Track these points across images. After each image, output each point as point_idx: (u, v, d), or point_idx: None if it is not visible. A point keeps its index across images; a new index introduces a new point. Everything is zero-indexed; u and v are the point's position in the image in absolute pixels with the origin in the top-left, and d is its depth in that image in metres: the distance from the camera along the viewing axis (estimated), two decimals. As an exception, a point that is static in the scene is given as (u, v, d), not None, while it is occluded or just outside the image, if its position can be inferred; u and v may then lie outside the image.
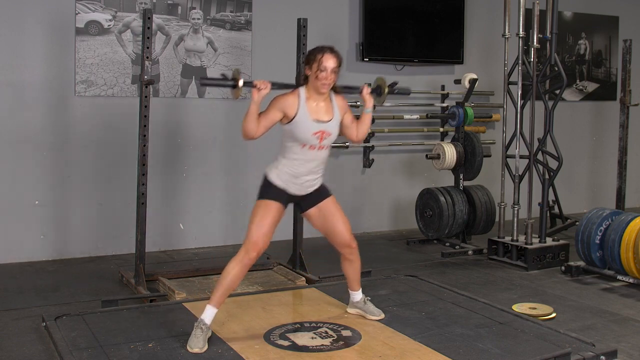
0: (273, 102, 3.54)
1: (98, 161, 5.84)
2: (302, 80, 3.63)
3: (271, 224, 3.56)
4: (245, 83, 3.48)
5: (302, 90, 3.59)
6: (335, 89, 3.69)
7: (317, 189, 3.73)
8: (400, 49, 6.95)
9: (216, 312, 3.52)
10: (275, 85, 3.57)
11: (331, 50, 3.56)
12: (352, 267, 3.92)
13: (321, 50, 3.55)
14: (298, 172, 3.60)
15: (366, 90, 3.77)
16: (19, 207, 5.61)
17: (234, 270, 3.50)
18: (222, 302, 3.53)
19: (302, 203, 3.75)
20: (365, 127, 3.78)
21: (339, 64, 3.57)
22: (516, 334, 3.77)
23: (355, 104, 6.68)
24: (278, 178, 3.61)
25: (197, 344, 3.43)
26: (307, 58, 3.59)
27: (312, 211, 3.76)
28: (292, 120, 3.52)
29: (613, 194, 6.61)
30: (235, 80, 3.48)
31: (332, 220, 3.76)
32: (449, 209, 6.19)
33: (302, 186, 3.65)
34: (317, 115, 3.57)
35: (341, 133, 3.76)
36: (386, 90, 3.87)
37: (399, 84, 3.91)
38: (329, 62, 3.51)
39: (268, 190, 3.61)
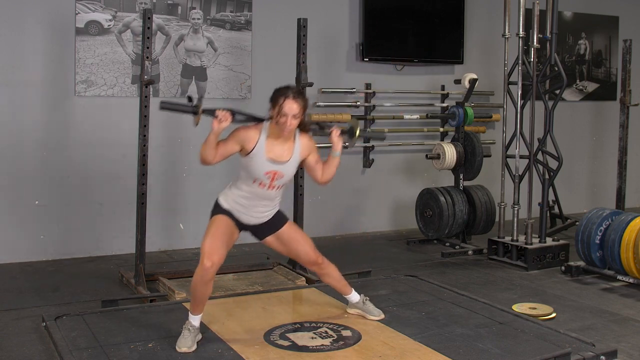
0: (234, 133, 3.49)
1: (98, 161, 5.84)
2: (268, 114, 3.52)
3: (223, 235, 3.53)
4: (205, 111, 3.40)
5: (266, 126, 3.52)
6: (304, 127, 3.59)
7: (271, 219, 3.68)
8: (400, 49, 6.95)
9: (201, 316, 3.55)
10: (239, 117, 3.50)
11: (295, 95, 3.43)
12: (332, 278, 3.91)
13: (284, 93, 3.42)
14: (245, 204, 3.57)
15: (335, 133, 3.67)
16: (19, 207, 5.62)
17: (195, 281, 3.50)
18: (200, 310, 3.53)
19: (257, 232, 3.73)
20: (331, 169, 3.67)
21: (303, 108, 3.46)
22: (516, 334, 3.77)
23: (355, 103, 6.68)
24: (227, 203, 3.61)
25: (185, 343, 3.46)
26: (272, 97, 3.47)
27: (270, 239, 3.75)
28: (248, 154, 3.47)
29: (613, 194, 6.61)
30: (197, 107, 3.40)
31: (294, 244, 3.75)
32: (449, 209, 6.19)
33: (251, 217, 3.62)
34: (274, 155, 3.49)
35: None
36: (358, 133, 3.75)
37: (371, 130, 3.79)
38: (290, 107, 3.39)
39: (217, 210, 3.62)
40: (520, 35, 5.79)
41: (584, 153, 8.33)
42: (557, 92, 5.94)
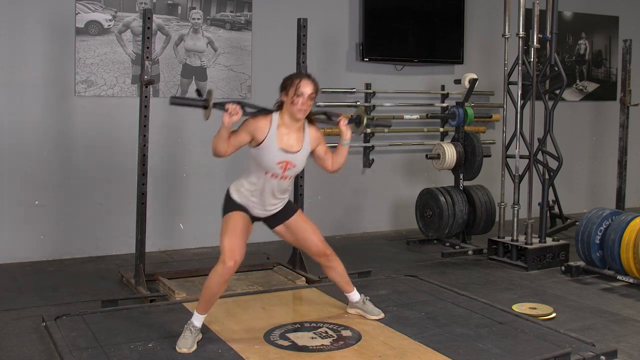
0: (244, 124, 3.52)
1: (98, 161, 5.84)
2: (276, 106, 3.57)
3: (242, 232, 3.54)
4: (216, 105, 3.43)
5: (276, 116, 3.54)
6: (311, 119, 3.64)
7: (282, 209, 3.71)
8: (400, 49, 6.95)
9: (205, 317, 3.55)
10: (248, 109, 3.52)
11: (309, 77, 3.53)
12: (336, 273, 3.92)
13: (299, 75, 3.53)
14: (257, 196, 3.59)
15: (343, 122, 3.71)
16: (19, 207, 5.61)
17: (214, 281, 3.47)
18: (208, 309, 3.54)
19: (268, 222, 3.76)
20: (341, 158, 3.72)
21: (316, 92, 3.53)
22: (516, 334, 3.77)
23: (355, 103, 6.69)
24: (238, 197, 3.62)
25: (185, 344, 3.45)
26: (284, 83, 3.53)
27: (280, 228, 3.77)
28: (259, 145, 3.49)
29: (613, 194, 6.61)
30: (207, 101, 3.43)
31: (303, 234, 3.77)
32: (449, 209, 6.19)
33: (262, 209, 3.65)
34: (285, 145, 3.52)
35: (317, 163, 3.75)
36: (365, 121, 3.81)
37: (377, 118, 3.83)
38: (306, 88, 3.47)
39: (231, 205, 3.61)
40: (520, 35, 5.79)
41: (584, 153, 8.33)
42: (557, 92, 5.94)
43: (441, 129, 7.15)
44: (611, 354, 3.54)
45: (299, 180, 5.20)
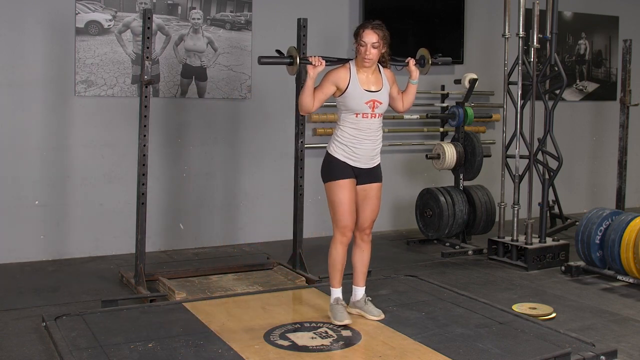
0: (326, 76, 3.79)
1: (98, 161, 5.84)
2: (355, 54, 3.82)
3: (351, 201, 3.83)
4: (301, 60, 3.81)
5: (352, 64, 3.82)
6: (382, 62, 3.89)
7: (375, 168, 3.95)
8: (400, 49, 6.92)
9: (340, 290, 3.90)
10: (329, 61, 3.83)
11: (374, 26, 3.75)
12: (362, 258, 4.04)
13: (363, 25, 3.78)
14: (355, 142, 3.81)
15: (412, 62, 3.99)
16: (19, 207, 5.61)
17: (337, 252, 3.86)
18: (340, 282, 3.89)
19: (360, 177, 3.91)
20: (411, 97, 4.02)
21: (382, 39, 3.75)
22: (516, 334, 3.77)
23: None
24: (338, 152, 3.84)
25: (342, 317, 3.81)
26: (355, 32, 3.80)
27: (359, 188, 3.93)
28: (344, 92, 3.76)
29: (613, 194, 6.61)
30: (292, 57, 3.81)
31: (367, 203, 3.96)
32: (449, 209, 6.19)
33: (362, 157, 3.85)
34: (368, 86, 3.79)
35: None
36: (430, 60, 4.10)
37: (441, 55, 4.18)
38: (368, 37, 3.71)
39: (333, 169, 3.84)
40: (520, 35, 5.79)
41: (584, 153, 8.33)
42: (557, 92, 5.94)
43: (441, 129, 7.15)
44: (611, 354, 3.54)
45: (298, 180, 5.21)
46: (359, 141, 3.83)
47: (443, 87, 7.14)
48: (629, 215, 5.14)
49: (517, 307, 4.37)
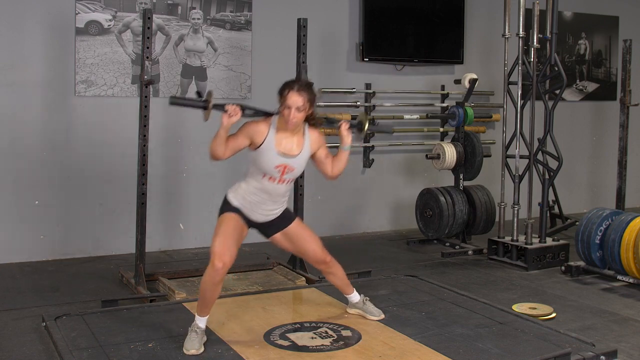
0: (243, 127, 3.48)
1: (98, 161, 5.84)
2: (278, 109, 3.49)
3: (234, 234, 3.50)
4: (215, 106, 3.41)
5: (275, 120, 3.51)
6: (312, 122, 3.58)
7: (280, 216, 3.67)
8: (400, 49, 6.95)
9: (207, 318, 3.51)
10: (248, 111, 3.49)
11: (300, 87, 3.42)
12: (336, 278, 3.91)
13: (289, 85, 3.43)
14: (256, 200, 3.55)
15: (344, 127, 3.66)
16: (19, 207, 5.61)
17: (206, 284, 3.44)
18: (208, 312, 3.50)
19: (265, 230, 3.71)
20: (341, 164, 3.67)
21: (309, 102, 3.43)
22: (516, 334, 3.77)
23: (355, 103, 6.69)
24: (236, 200, 3.58)
25: (192, 345, 3.42)
26: (280, 90, 3.46)
27: (278, 237, 3.72)
28: (257, 148, 3.46)
29: (613, 194, 6.61)
30: (207, 102, 3.42)
31: (302, 242, 3.74)
32: (449, 209, 6.19)
33: (260, 214, 3.60)
34: (284, 149, 3.49)
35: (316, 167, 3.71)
36: (367, 125, 3.75)
37: (379, 123, 3.79)
38: (293, 100, 3.39)
39: (227, 207, 3.58)
40: (520, 35, 5.79)
41: (584, 153, 8.33)
42: (557, 92, 5.94)
43: (441, 129, 7.15)
44: (611, 354, 3.54)
45: (299, 180, 5.21)
46: (261, 201, 3.56)
47: (443, 87, 7.14)
48: (629, 215, 5.14)
49: (517, 307, 4.37)
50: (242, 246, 6.07)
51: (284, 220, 3.70)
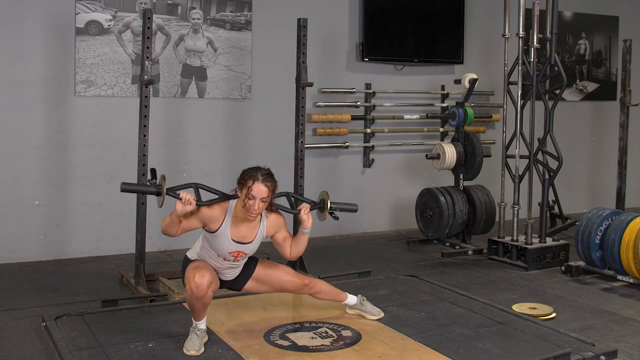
0: (199, 211, 3.42)
1: (98, 161, 5.84)
2: (235, 192, 3.40)
3: (207, 265, 3.48)
4: (169, 191, 3.35)
5: (232, 205, 3.43)
6: (271, 207, 3.50)
7: (241, 271, 3.65)
8: (400, 49, 6.95)
9: (206, 319, 3.51)
10: (201, 202, 3.41)
11: (264, 177, 3.33)
12: (324, 294, 3.90)
13: (252, 175, 3.33)
14: (214, 265, 3.54)
15: (304, 210, 3.59)
16: (19, 207, 5.61)
17: (189, 299, 3.43)
18: (203, 316, 3.48)
19: (233, 284, 3.69)
20: (300, 247, 3.62)
21: (272, 191, 3.36)
22: (516, 334, 3.77)
23: (355, 103, 6.69)
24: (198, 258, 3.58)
25: (193, 346, 3.43)
26: (240, 178, 3.37)
27: (249, 285, 3.70)
28: (212, 233, 3.43)
29: (613, 194, 6.61)
30: (160, 187, 3.36)
31: (275, 279, 3.71)
32: (449, 209, 6.18)
33: (221, 275, 3.60)
34: (238, 237, 3.44)
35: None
36: (329, 206, 3.70)
37: (342, 202, 3.73)
38: (258, 190, 3.29)
39: (190, 261, 3.56)
40: (520, 35, 5.79)
41: (584, 153, 8.33)
42: (557, 92, 5.94)
43: (441, 129, 7.15)
44: (611, 354, 3.54)
45: (298, 180, 5.20)
46: (219, 270, 3.55)
47: (443, 87, 7.15)
48: (629, 215, 5.14)
49: (517, 307, 4.37)
50: (242, 246, 6.09)
51: (247, 270, 3.67)
